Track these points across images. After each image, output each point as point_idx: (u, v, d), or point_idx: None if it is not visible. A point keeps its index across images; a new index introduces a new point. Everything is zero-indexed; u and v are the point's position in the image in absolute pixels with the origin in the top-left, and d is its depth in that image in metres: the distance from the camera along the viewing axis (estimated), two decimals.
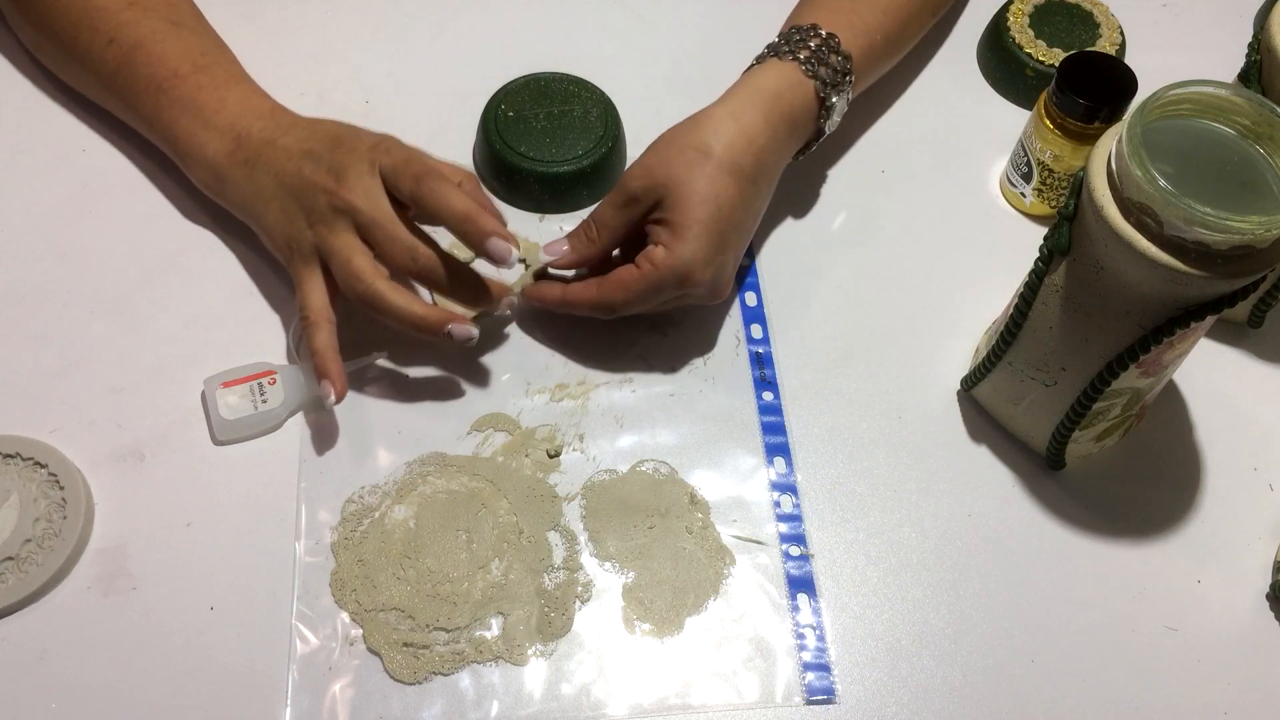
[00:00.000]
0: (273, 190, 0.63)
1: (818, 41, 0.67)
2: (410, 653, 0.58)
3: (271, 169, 0.64)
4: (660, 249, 0.62)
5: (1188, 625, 0.61)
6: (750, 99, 0.66)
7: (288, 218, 0.63)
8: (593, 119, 0.73)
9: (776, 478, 0.65)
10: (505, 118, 0.72)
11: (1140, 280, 0.52)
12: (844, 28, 0.69)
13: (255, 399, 0.63)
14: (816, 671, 0.59)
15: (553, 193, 0.72)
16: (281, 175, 0.63)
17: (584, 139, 0.72)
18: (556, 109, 0.73)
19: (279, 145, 0.64)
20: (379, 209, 0.61)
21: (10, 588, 0.58)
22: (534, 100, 0.73)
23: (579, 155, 0.72)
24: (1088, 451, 0.65)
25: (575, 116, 0.73)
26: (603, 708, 0.58)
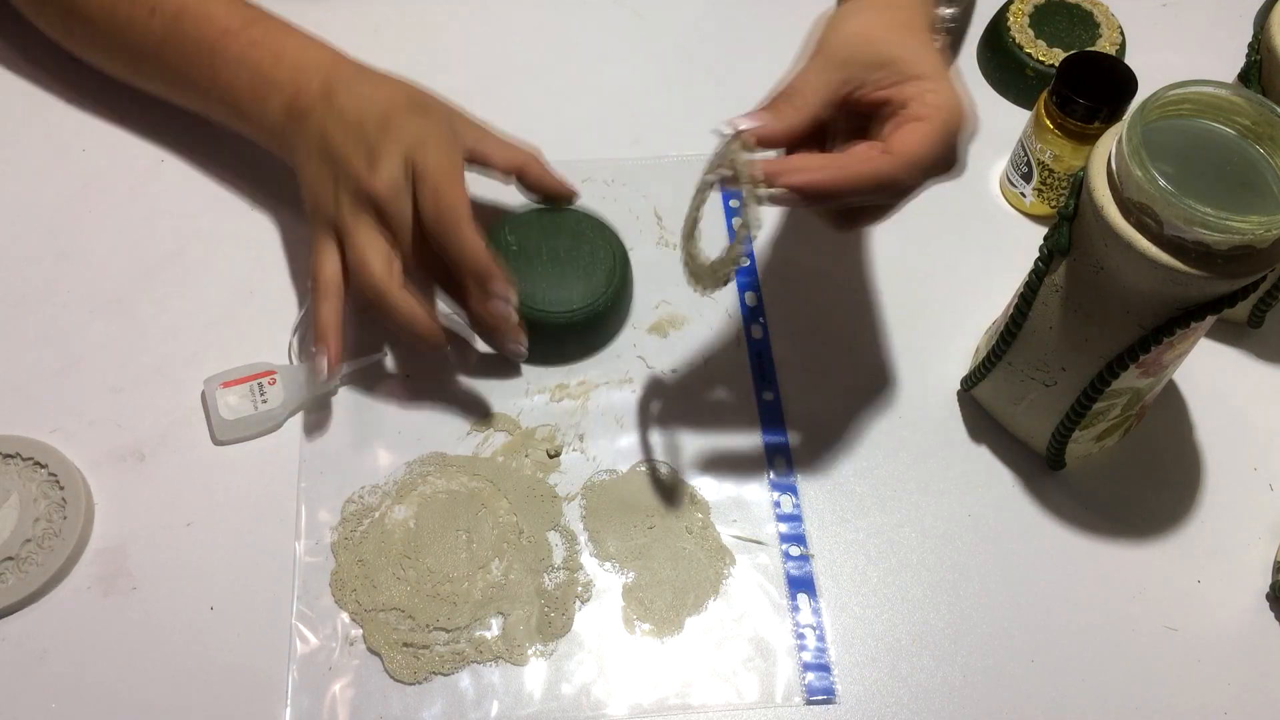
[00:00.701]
0: (315, 148, 0.62)
1: None
2: (410, 653, 0.58)
3: (319, 128, 0.62)
4: (930, 93, 0.52)
5: (1188, 625, 0.61)
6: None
7: (320, 182, 0.62)
8: (599, 260, 0.66)
9: (776, 478, 0.65)
10: (507, 249, 0.66)
11: (1140, 280, 0.51)
12: None
13: (255, 399, 0.63)
14: (816, 671, 0.59)
15: (539, 339, 0.65)
16: (326, 138, 0.62)
17: (588, 284, 0.66)
18: (563, 246, 0.67)
19: (333, 104, 0.62)
20: (402, 211, 0.60)
21: (10, 588, 0.58)
22: (541, 233, 0.67)
23: (577, 304, 0.65)
24: (1088, 451, 0.65)
25: (583, 254, 0.67)
26: (603, 708, 0.58)
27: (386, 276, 0.60)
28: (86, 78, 0.76)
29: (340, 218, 0.61)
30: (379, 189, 0.59)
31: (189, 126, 0.75)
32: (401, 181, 0.60)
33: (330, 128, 0.62)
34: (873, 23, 0.55)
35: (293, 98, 0.64)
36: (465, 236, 0.60)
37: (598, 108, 0.78)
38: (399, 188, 0.60)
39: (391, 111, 0.62)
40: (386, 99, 0.62)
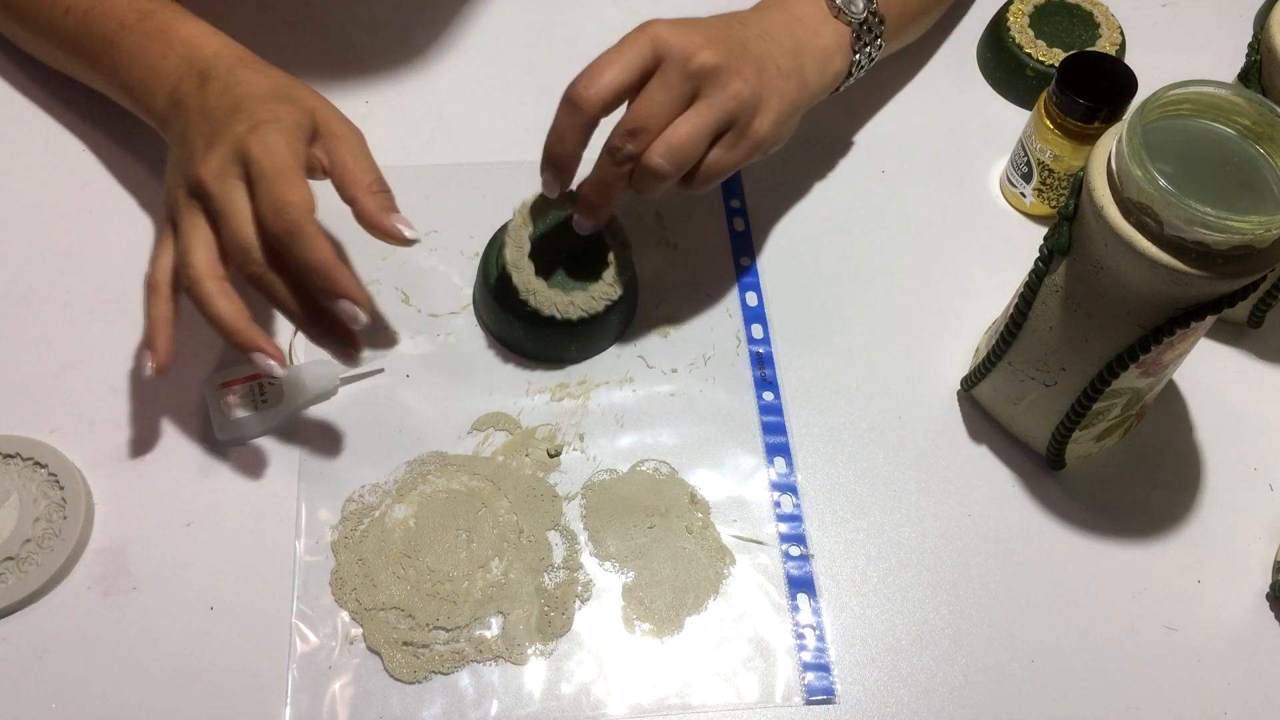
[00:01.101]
0: (177, 137, 0.60)
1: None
2: (410, 652, 0.58)
3: (184, 117, 0.60)
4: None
5: (1188, 625, 0.61)
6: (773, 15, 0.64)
7: (171, 171, 0.60)
8: (605, 261, 0.64)
9: (777, 478, 0.65)
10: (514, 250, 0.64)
11: (1140, 280, 0.52)
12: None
13: (255, 399, 0.63)
14: (816, 671, 0.59)
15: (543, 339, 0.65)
16: (185, 126, 0.59)
17: (593, 285, 0.64)
18: (568, 248, 0.66)
19: (203, 92, 0.60)
20: (225, 198, 0.56)
21: (10, 588, 0.58)
22: (547, 235, 0.65)
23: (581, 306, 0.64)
24: (1088, 451, 0.65)
25: (589, 255, 0.65)
26: (602, 707, 0.58)
27: (204, 269, 0.56)
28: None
29: (176, 205, 0.58)
30: (203, 176, 0.56)
31: None
32: (228, 167, 0.56)
33: (192, 117, 0.59)
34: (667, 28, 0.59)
35: (174, 88, 0.62)
36: (305, 237, 0.55)
37: None
38: (222, 174, 0.56)
39: (246, 99, 0.58)
40: (249, 88, 0.59)
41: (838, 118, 0.78)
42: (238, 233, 0.56)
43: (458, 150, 0.75)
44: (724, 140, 0.60)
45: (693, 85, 0.58)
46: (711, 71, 0.58)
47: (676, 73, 0.58)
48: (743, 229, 0.73)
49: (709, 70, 0.58)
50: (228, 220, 0.56)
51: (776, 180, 0.75)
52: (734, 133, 0.60)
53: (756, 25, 0.63)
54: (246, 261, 0.56)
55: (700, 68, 0.58)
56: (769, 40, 0.62)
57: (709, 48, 0.58)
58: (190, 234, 0.57)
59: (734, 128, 0.60)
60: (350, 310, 0.56)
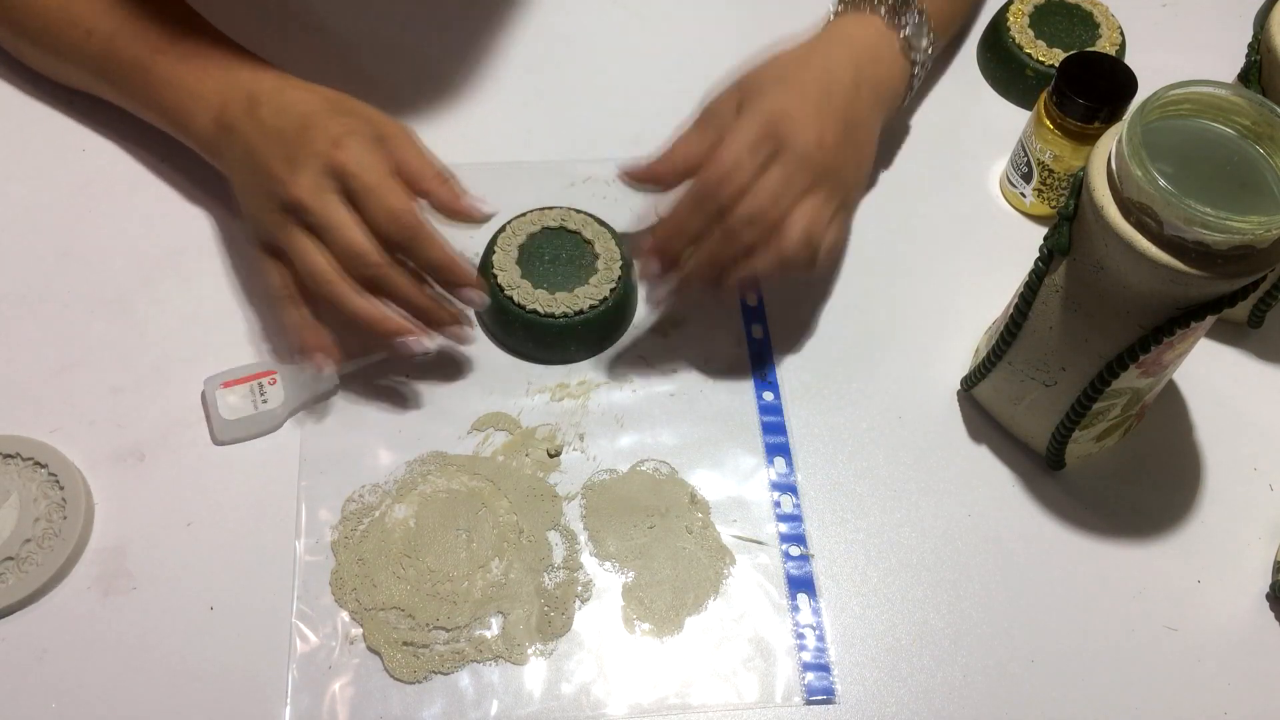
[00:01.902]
0: (242, 162, 0.63)
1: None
2: (410, 652, 0.58)
3: (243, 141, 0.62)
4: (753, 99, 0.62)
5: (1188, 625, 0.61)
6: (830, 43, 0.66)
7: (250, 196, 0.62)
8: (603, 262, 0.67)
9: (777, 478, 0.65)
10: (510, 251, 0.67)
11: (1140, 280, 0.52)
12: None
13: (256, 399, 0.63)
14: (816, 671, 0.59)
15: (542, 341, 0.66)
16: (250, 151, 0.62)
17: (591, 287, 0.66)
18: (566, 248, 0.67)
19: (256, 116, 0.62)
20: (327, 212, 0.59)
21: (10, 588, 0.58)
22: (545, 235, 0.68)
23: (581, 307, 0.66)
24: (1088, 451, 0.65)
25: (586, 257, 0.67)
26: (602, 707, 0.58)
27: (333, 273, 0.60)
28: None
29: (275, 226, 0.61)
30: (299, 195, 0.59)
31: None
32: (321, 183, 0.59)
33: (254, 140, 0.62)
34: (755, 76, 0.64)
35: (219, 112, 0.64)
36: (424, 239, 0.60)
37: (598, 107, 0.78)
38: (318, 190, 0.59)
39: (310, 116, 0.61)
40: (306, 106, 0.62)
41: None
42: (351, 240, 0.59)
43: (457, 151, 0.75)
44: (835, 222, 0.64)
45: (814, 176, 0.61)
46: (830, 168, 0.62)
47: (795, 165, 0.61)
48: None
49: (828, 168, 0.62)
50: (338, 231, 0.59)
51: None
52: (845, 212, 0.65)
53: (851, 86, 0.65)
54: (364, 265, 0.60)
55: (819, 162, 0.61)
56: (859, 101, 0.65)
57: (828, 138, 0.61)
58: (304, 250, 0.60)
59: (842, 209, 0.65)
60: (473, 296, 0.62)
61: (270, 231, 0.61)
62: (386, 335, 0.61)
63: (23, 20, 0.70)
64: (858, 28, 0.68)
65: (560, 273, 0.66)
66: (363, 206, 0.60)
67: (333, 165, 0.59)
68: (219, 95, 0.65)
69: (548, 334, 0.66)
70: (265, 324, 0.67)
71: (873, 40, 0.67)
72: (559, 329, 0.65)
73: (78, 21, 0.68)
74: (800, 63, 0.65)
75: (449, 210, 0.62)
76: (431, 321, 0.62)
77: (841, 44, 0.66)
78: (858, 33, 0.67)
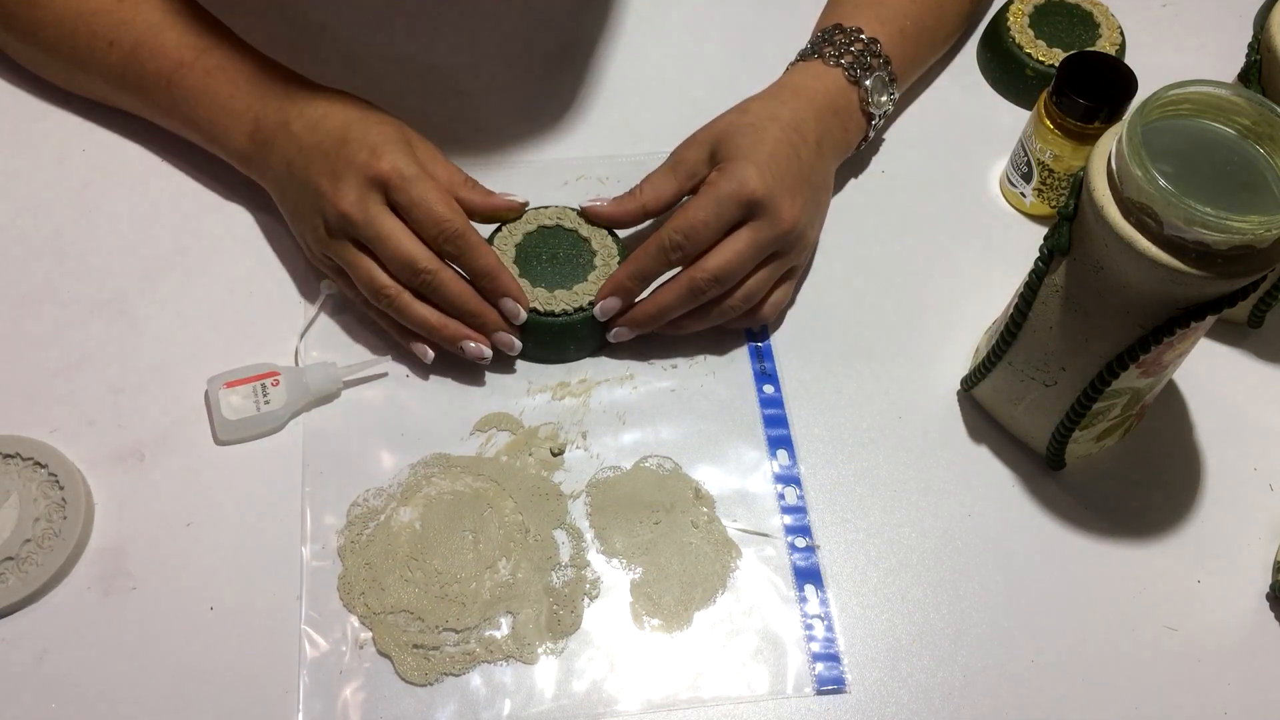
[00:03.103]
0: (286, 178, 0.64)
1: (860, 47, 0.69)
2: (421, 654, 0.58)
3: (283, 156, 0.64)
4: (713, 173, 0.63)
5: (1188, 625, 0.61)
6: (795, 95, 0.67)
7: (299, 213, 0.64)
8: (600, 261, 0.67)
9: (780, 470, 0.65)
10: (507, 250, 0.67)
11: (1140, 280, 0.52)
12: (883, 31, 0.70)
13: (258, 400, 0.63)
14: (826, 662, 0.59)
15: (540, 340, 0.66)
16: (292, 166, 0.63)
17: (588, 286, 0.66)
18: (563, 247, 0.67)
19: (290, 130, 0.64)
20: (376, 224, 0.61)
21: (10, 588, 0.58)
22: (541, 234, 0.68)
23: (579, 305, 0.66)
24: (1088, 451, 0.65)
25: (583, 256, 0.67)
26: (614, 704, 0.58)
27: (392, 285, 0.62)
28: None
29: (326, 246, 0.63)
30: (344, 209, 0.61)
31: None
32: (365, 194, 0.61)
33: (293, 155, 0.63)
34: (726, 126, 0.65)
35: (254, 127, 0.65)
36: (472, 245, 0.62)
37: (597, 106, 0.78)
38: (363, 202, 0.61)
39: (346, 128, 0.63)
40: (340, 117, 0.63)
41: None
42: (400, 248, 0.61)
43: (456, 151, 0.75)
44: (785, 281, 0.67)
45: (782, 245, 0.64)
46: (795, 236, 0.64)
47: (767, 233, 0.63)
48: None
49: (794, 237, 0.64)
50: (387, 241, 0.61)
51: None
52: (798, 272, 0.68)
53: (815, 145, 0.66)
54: (414, 272, 0.61)
55: (784, 235, 0.63)
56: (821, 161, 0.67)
57: (796, 209, 0.63)
58: (360, 265, 0.62)
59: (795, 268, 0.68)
60: (513, 308, 0.63)
61: (323, 247, 0.63)
62: (451, 341, 0.63)
63: (40, 32, 0.70)
64: (818, 80, 0.69)
65: (559, 270, 0.66)
66: (409, 217, 0.62)
67: (375, 176, 0.61)
68: (251, 111, 0.66)
69: (549, 332, 0.66)
70: (267, 324, 0.67)
71: (833, 94, 0.69)
72: (560, 327, 0.65)
73: (99, 34, 0.68)
74: (770, 118, 0.65)
75: (485, 211, 0.65)
76: (483, 327, 0.64)
77: (805, 98, 0.68)
78: (818, 85, 0.68)
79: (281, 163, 0.64)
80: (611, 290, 0.65)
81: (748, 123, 0.65)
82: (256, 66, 0.67)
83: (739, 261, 0.63)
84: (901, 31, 0.71)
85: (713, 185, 0.62)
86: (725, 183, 0.62)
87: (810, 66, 0.69)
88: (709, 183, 0.63)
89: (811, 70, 0.69)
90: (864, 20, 0.70)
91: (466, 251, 0.62)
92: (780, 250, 0.64)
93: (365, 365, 0.65)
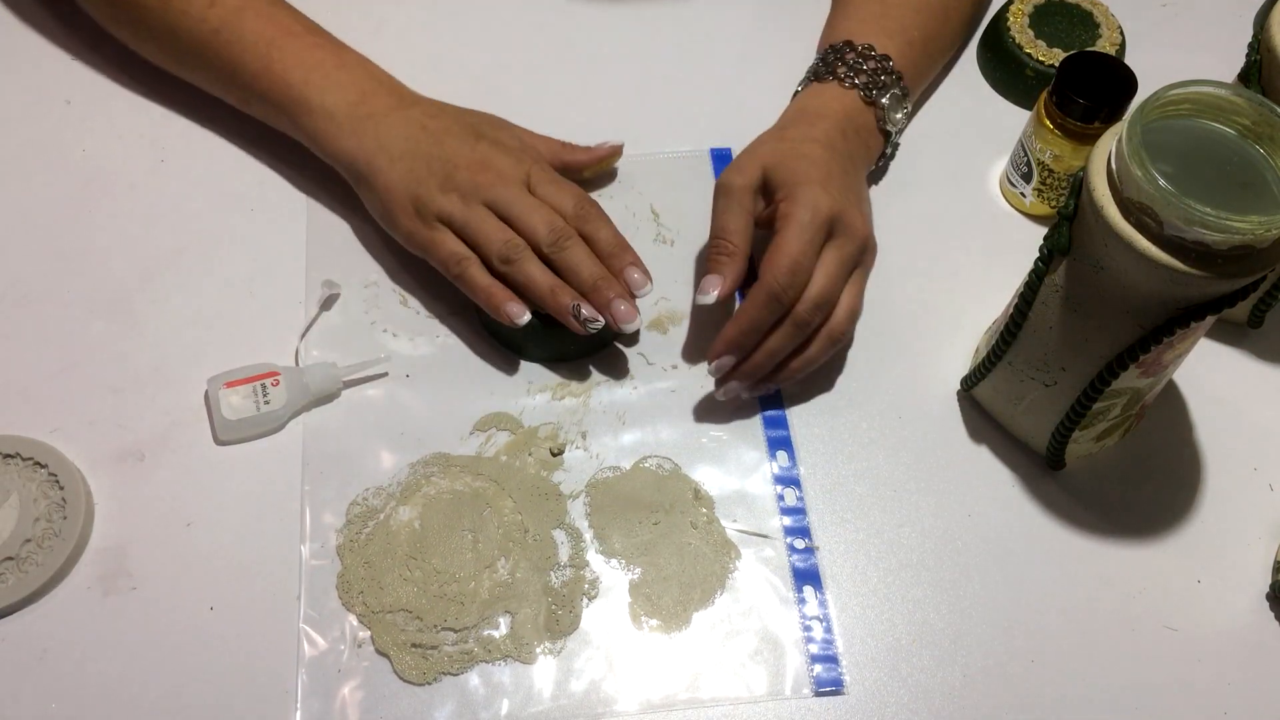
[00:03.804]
0: (402, 149, 0.66)
1: (873, 65, 0.69)
2: (419, 653, 0.58)
3: (402, 131, 0.66)
4: (784, 201, 0.63)
5: (1188, 625, 0.61)
6: (820, 118, 0.68)
7: (416, 179, 0.65)
8: None
9: (779, 471, 0.65)
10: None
11: (1140, 280, 0.52)
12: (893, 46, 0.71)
13: (258, 399, 0.63)
14: (824, 663, 0.59)
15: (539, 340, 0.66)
16: (417, 140, 0.66)
17: None
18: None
19: (409, 114, 0.67)
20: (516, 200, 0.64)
21: (10, 588, 0.58)
22: None
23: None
24: (1088, 451, 0.65)
25: None
26: (613, 704, 0.58)
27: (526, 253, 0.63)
28: (87, 78, 0.76)
29: (452, 204, 0.64)
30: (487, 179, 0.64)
31: (189, 127, 0.75)
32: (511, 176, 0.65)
33: (418, 133, 0.66)
34: (771, 153, 0.65)
35: (359, 99, 0.67)
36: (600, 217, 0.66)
37: (597, 106, 0.78)
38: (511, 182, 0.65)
39: (480, 124, 0.68)
40: (460, 113, 0.69)
41: None
42: (539, 213, 0.64)
43: None
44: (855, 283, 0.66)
45: (861, 252, 0.65)
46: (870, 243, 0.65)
47: (852, 248, 0.63)
48: None
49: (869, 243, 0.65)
50: (527, 210, 0.64)
51: None
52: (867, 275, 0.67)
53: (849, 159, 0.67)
54: (557, 234, 0.64)
55: (863, 244, 0.64)
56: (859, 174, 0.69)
57: (863, 217, 0.65)
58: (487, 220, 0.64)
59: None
60: (638, 278, 0.65)
61: (441, 208, 0.64)
62: (562, 309, 0.63)
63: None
64: (837, 102, 0.69)
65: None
66: (549, 194, 0.65)
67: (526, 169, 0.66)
68: (357, 86, 0.68)
69: (546, 335, 0.65)
70: (267, 324, 0.67)
71: (852, 114, 0.69)
72: (558, 327, 0.65)
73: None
74: (808, 139, 0.66)
75: (591, 160, 0.71)
76: (605, 295, 0.64)
77: (830, 119, 0.68)
78: (837, 107, 0.69)
79: (399, 136, 0.66)
80: (725, 349, 0.63)
81: (790, 147, 0.65)
82: (363, 58, 0.70)
83: (833, 283, 0.62)
84: (910, 44, 0.72)
85: (791, 218, 0.62)
86: (802, 211, 0.62)
87: (826, 89, 0.69)
88: (785, 215, 0.62)
89: (829, 93, 0.69)
90: (873, 35, 0.70)
91: (596, 221, 0.65)
92: (861, 258, 0.65)
93: (365, 365, 0.65)
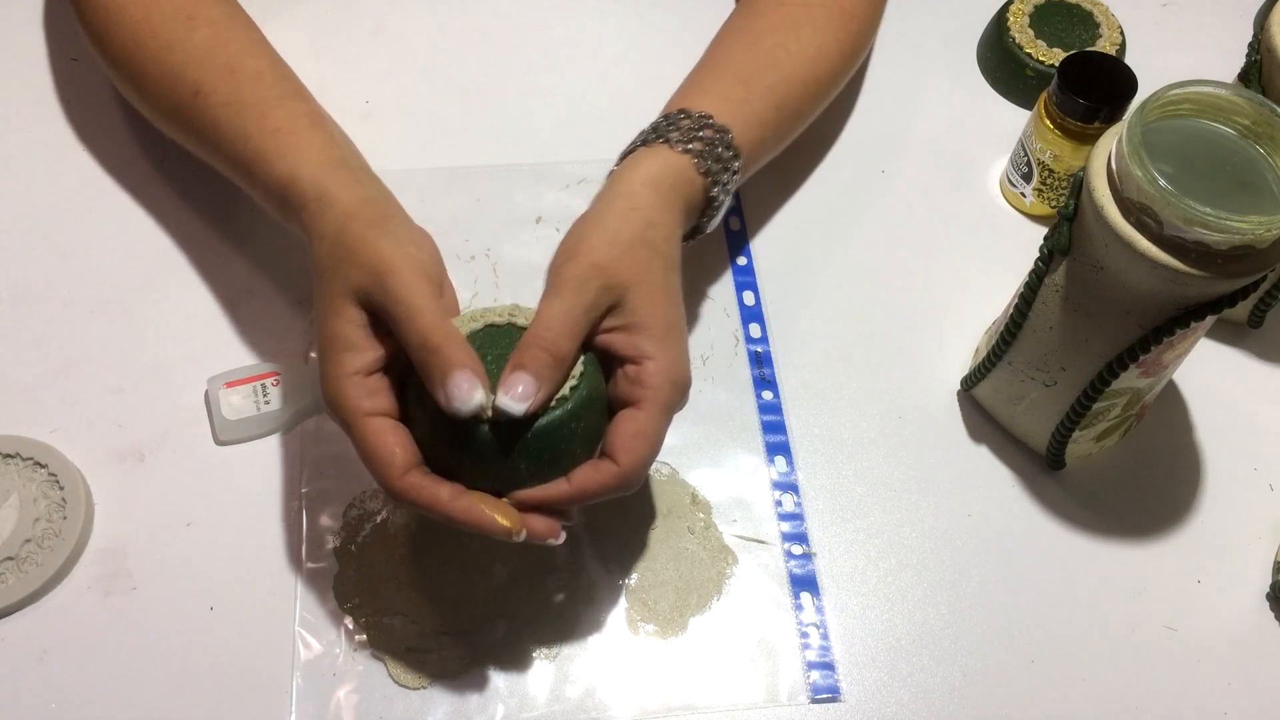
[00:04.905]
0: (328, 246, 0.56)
1: (710, 133, 0.61)
2: (414, 658, 0.58)
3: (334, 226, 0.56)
4: (649, 363, 0.52)
5: (1188, 625, 0.61)
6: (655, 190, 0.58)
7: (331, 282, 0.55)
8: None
9: (778, 476, 0.65)
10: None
11: (1140, 280, 0.52)
12: (737, 121, 0.62)
13: (258, 400, 0.63)
14: (821, 670, 0.59)
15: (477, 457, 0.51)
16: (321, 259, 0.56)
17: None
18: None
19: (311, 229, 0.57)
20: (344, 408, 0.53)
21: (10, 588, 0.58)
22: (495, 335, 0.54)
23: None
24: (1088, 451, 0.65)
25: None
26: (607, 710, 0.58)
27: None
28: (86, 78, 0.76)
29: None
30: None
31: None
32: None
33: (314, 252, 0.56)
34: (606, 248, 0.54)
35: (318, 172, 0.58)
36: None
37: (597, 108, 0.78)
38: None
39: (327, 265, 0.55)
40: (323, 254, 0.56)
41: (837, 118, 0.78)
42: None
43: (455, 153, 0.75)
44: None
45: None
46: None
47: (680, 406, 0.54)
48: (738, 228, 0.73)
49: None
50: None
51: (774, 180, 0.75)
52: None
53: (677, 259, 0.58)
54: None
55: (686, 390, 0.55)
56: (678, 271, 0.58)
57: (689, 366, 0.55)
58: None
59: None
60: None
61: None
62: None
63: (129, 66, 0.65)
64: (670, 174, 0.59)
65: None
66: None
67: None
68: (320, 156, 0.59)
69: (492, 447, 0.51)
70: (267, 324, 0.67)
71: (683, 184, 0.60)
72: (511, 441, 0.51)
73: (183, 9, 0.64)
74: (645, 245, 0.55)
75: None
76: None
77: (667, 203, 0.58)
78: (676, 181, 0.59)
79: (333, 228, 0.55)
80: (546, 528, 0.52)
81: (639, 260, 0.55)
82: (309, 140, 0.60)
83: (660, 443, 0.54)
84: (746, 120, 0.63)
85: (657, 396, 0.52)
86: (671, 391, 0.53)
87: (654, 156, 0.59)
88: (654, 389, 0.52)
89: (659, 160, 0.59)
90: (711, 104, 0.62)
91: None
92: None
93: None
